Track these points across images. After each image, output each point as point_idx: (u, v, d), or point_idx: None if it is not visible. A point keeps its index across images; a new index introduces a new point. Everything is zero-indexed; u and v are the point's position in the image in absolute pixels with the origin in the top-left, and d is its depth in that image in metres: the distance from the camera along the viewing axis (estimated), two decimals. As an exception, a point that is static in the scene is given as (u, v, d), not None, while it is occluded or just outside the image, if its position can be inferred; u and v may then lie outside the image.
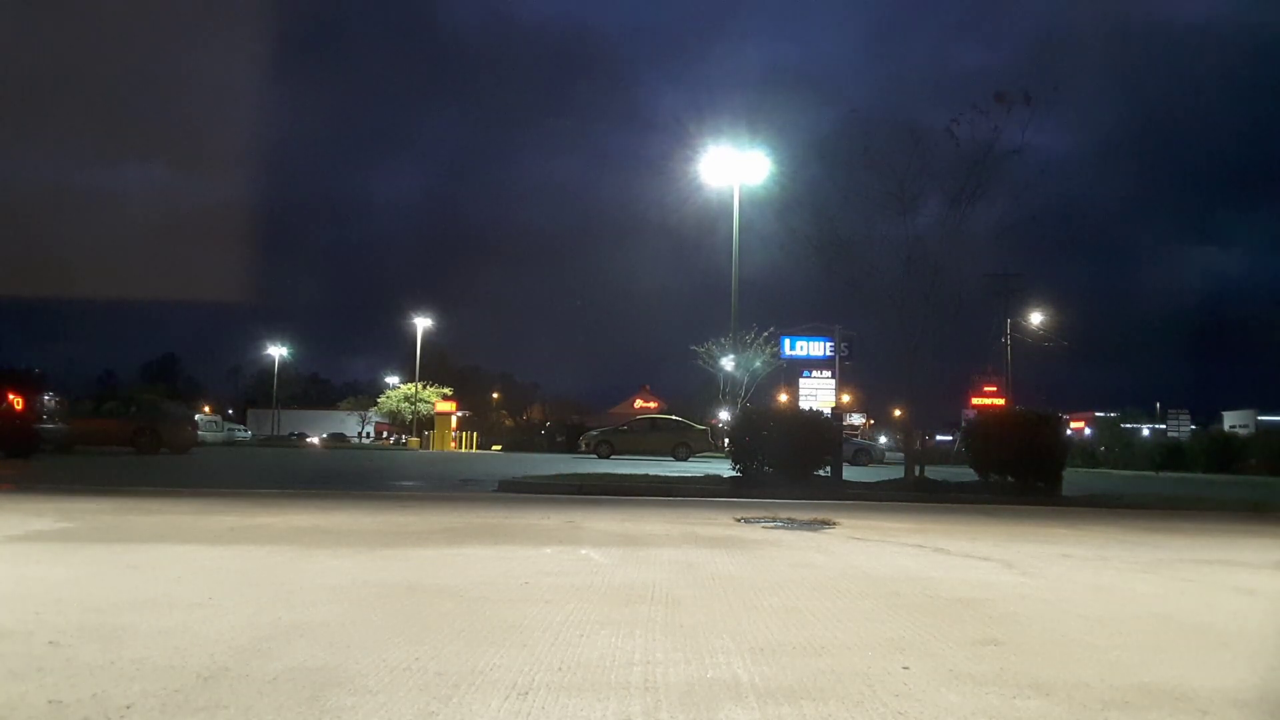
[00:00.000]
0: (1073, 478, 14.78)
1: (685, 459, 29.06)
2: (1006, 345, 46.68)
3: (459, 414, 52.56)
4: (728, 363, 30.71)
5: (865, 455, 32.99)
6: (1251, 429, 46.27)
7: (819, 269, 13.95)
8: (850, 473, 14.58)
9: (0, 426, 16.84)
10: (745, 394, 29.20)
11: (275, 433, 70.50)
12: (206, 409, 64.59)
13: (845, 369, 14.98)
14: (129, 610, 3.03)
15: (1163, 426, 48.19)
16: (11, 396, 17.20)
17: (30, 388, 17.69)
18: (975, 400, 41.84)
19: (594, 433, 32.43)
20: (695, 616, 3.17)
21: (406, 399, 61.84)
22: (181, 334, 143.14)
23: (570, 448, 35.96)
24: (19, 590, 3.44)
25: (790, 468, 12.37)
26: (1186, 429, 43.98)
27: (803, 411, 13.79)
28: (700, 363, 33.70)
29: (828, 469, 13.17)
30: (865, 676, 2.43)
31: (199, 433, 27.17)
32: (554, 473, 13.77)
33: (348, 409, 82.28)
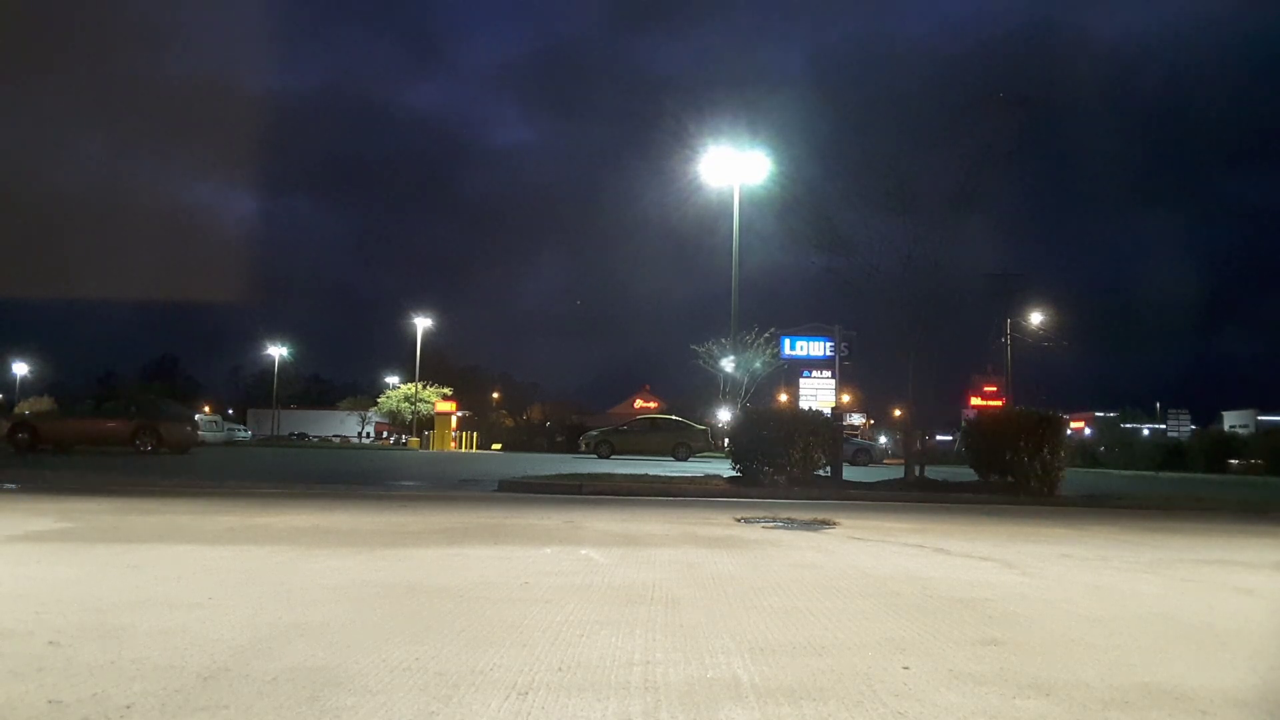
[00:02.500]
0: (1073, 478, 14.77)
1: (685, 459, 29.06)
2: (1006, 345, 46.71)
3: (459, 414, 52.51)
4: (728, 363, 30.67)
5: (865, 455, 33.00)
6: (1251, 429, 46.30)
7: (819, 269, 13.97)
8: (850, 473, 14.58)
9: None
10: (745, 394, 29.17)
11: (275, 433, 70.45)
12: (206, 409, 64.46)
13: (845, 369, 14.96)
14: (129, 610, 3.03)
15: (1163, 426, 48.24)
16: None
17: None
18: (975, 400, 41.98)
19: (594, 433, 32.41)
20: (695, 616, 3.17)
21: (406, 399, 61.81)
22: (181, 334, 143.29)
23: (570, 448, 35.94)
24: (19, 590, 3.44)
25: (790, 468, 12.38)
26: (1186, 429, 44.03)
27: (803, 411, 13.78)
28: (700, 363, 33.70)
29: (828, 469, 13.18)
30: (865, 676, 2.43)
31: (199, 433, 27.02)
32: (554, 473, 13.77)
33: (348, 409, 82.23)
